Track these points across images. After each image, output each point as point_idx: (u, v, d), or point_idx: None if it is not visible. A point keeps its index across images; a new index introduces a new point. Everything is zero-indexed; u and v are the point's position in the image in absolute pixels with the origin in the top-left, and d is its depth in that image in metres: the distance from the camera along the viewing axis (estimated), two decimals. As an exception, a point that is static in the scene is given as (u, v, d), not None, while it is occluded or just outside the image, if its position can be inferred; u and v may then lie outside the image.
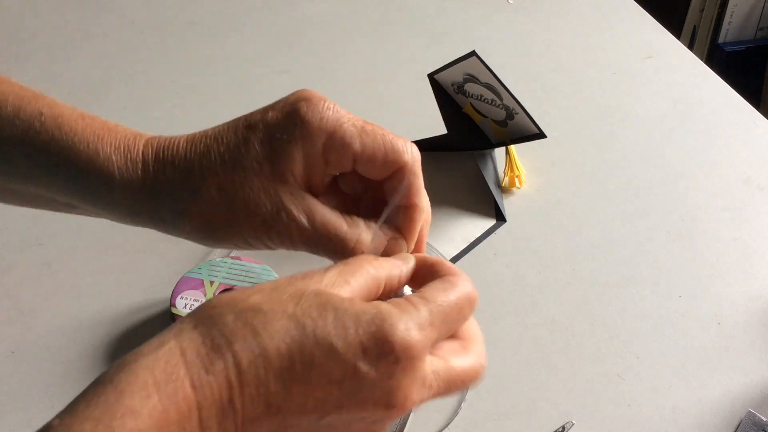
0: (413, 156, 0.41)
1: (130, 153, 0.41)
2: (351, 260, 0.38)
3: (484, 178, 0.76)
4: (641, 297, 0.68)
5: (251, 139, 0.40)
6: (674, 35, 1.03)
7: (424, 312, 0.35)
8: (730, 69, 1.76)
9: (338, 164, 0.41)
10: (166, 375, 0.31)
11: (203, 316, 0.33)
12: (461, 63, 0.73)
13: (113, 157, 0.41)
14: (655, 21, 1.06)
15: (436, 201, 0.77)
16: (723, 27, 1.81)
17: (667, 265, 0.71)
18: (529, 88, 0.90)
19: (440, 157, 0.81)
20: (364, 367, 0.33)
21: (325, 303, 0.34)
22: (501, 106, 0.75)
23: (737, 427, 0.58)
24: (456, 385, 0.36)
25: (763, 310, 0.67)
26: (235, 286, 0.63)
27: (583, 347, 0.64)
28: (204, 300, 0.62)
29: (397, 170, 0.41)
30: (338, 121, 0.40)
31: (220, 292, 0.62)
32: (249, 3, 1.09)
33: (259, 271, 0.64)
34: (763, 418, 0.58)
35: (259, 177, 0.40)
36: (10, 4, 1.09)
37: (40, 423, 0.30)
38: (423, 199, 0.42)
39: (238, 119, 0.42)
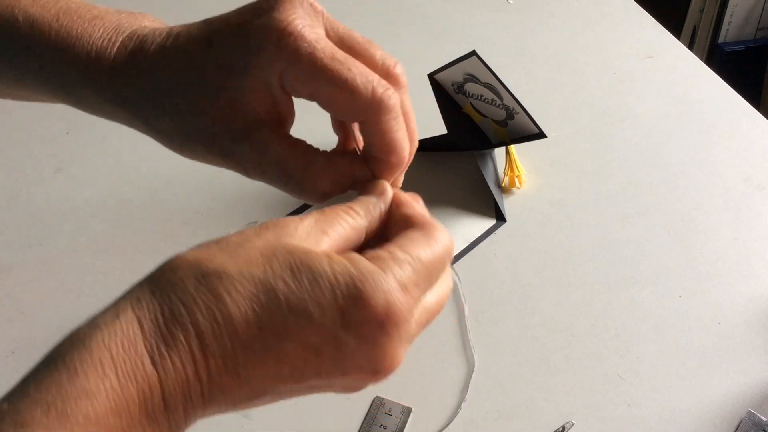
0: (380, 107, 0.36)
1: (102, 58, 0.39)
2: (328, 208, 0.35)
3: (484, 178, 0.76)
4: (641, 297, 0.68)
5: (207, 65, 0.37)
6: (674, 35, 1.03)
7: (407, 270, 0.32)
8: (730, 69, 1.76)
9: (302, 96, 0.37)
10: (123, 351, 0.28)
11: (162, 280, 0.30)
12: (461, 63, 0.73)
13: (84, 63, 0.39)
14: (655, 21, 1.06)
15: (436, 201, 0.77)
16: (723, 27, 1.81)
17: (667, 265, 0.71)
18: (529, 88, 0.90)
19: (440, 157, 0.81)
20: (344, 334, 0.30)
21: (299, 263, 0.30)
22: (501, 106, 0.75)
23: (737, 427, 0.58)
24: (433, 318, 0.34)
25: (763, 310, 0.67)
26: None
27: (583, 347, 0.64)
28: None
29: (365, 120, 0.37)
30: (296, 51, 0.35)
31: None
32: (249, 2, 1.09)
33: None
34: (763, 418, 0.58)
35: (213, 106, 0.37)
36: None
37: (40, 423, 0.30)
38: (396, 153, 0.38)
39: (205, 29, 0.39)
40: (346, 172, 0.39)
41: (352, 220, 0.35)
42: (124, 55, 0.39)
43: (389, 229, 0.36)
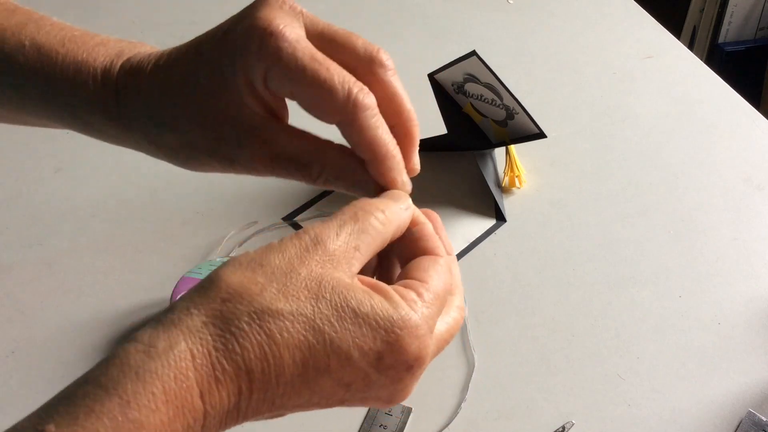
0: (354, 107, 0.36)
1: (106, 82, 0.40)
2: (361, 212, 0.35)
3: (484, 178, 0.76)
4: (641, 297, 0.68)
5: (199, 73, 0.38)
6: (674, 35, 1.03)
7: (433, 310, 0.34)
8: (730, 69, 1.76)
9: (284, 96, 0.38)
10: (176, 385, 0.29)
11: (214, 312, 0.31)
12: (461, 63, 0.73)
13: (91, 87, 0.40)
14: (655, 21, 1.06)
15: (436, 201, 0.77)
16: (723, 27, 1.81)
17: (667, 265, 0.71)
18: (529, 88, 0.90)
19: (440, 157, 0.81)
20: (376, 375, 0.33)
21: (344, 304, 0.32)
22: (501, 106, 0.75)
23: (737, 427, 0.58)
24: (443, 347, 0.37)
25: (763, 310, 0.67)
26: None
27: (583, 347, 0.64)
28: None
29: (342, 121, 0.37)
30: (278, 51, 0.36)
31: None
32: (249, 3, 1.09)
33: (259, 271, 0.64)
34: (763, 418, 0.58)
35: (212, 113, 0.38)
36: (10, 4, 1.08)
37: (40, 423, 0.30)
38: (379, 148, 0.38)
39: (195, 41, 0.40)
40: (351, 171, 0.40)
41: (382, 228, 0.36)
42: (125, 78, 0.40)
43: (401, 242, 0.38)
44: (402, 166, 0.39)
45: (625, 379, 0.62)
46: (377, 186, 0.39)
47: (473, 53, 0.72)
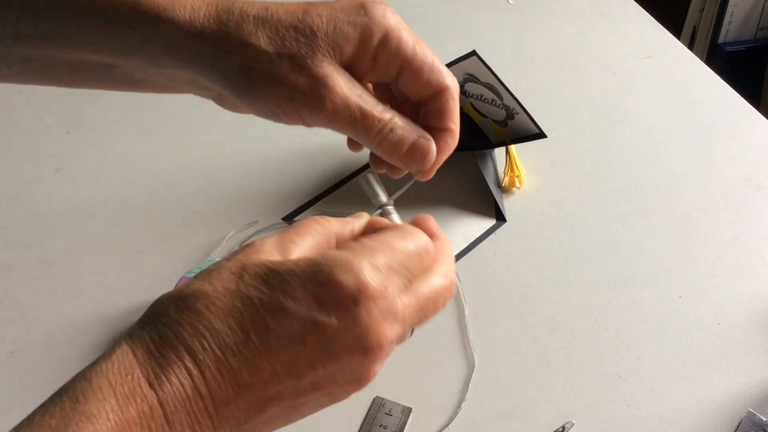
0: (455, 81, 0.43)
1: (194, 8, 0.40)
2: (297, 224, 0.37)
3: (484, 178, 0.76)
4: (641, 297, 0.68)
5: (311, 10, 0.40)
6: (674, 35, 1.03)
7: (380, 256, 0.34)
8: (730, 69, 1.76)
9: (385, 67, 0.42)
10: (120, 377, 0.30)
11: (149, 315, 0.33)
12: (461, 63, 0.73)
13: (186, 19, 0.40)
14: (655, 21, 1.06)
15: (436, 201, 0.77)
16: (723, 27, 1.81)
17: (667, 265, 0.71)
18: (529, 88, 0.90)
19: (440, 157, 0.81)
20: (322, 317, 0.32)
21: (268, 270, 0.33)
22: (501, 106, 0.75)
23: (737, 427, 0.58)
24: (429, 309, 0.35)
25: (763, 310, 0.67)
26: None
27: (583, 347, 0.64)
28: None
29: (435, 93, 0.43)
30: (398, 24, 0.41)
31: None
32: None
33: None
34: (763, 418, 0.58)
35: (308, 46, 0.40)
36: None
37: (40, 423, 0.30)
38: (457, 126, 0.43)
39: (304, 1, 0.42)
40: (417, 127, 0.43)
41: (320, 227, 0.36)
42: (216, 11, 0.40)
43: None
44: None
45: (625, 379, 0.62)
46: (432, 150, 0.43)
47: (473, 53, 0.72)
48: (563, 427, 0.58)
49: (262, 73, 0.40)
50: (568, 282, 0.70)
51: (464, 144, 0.81)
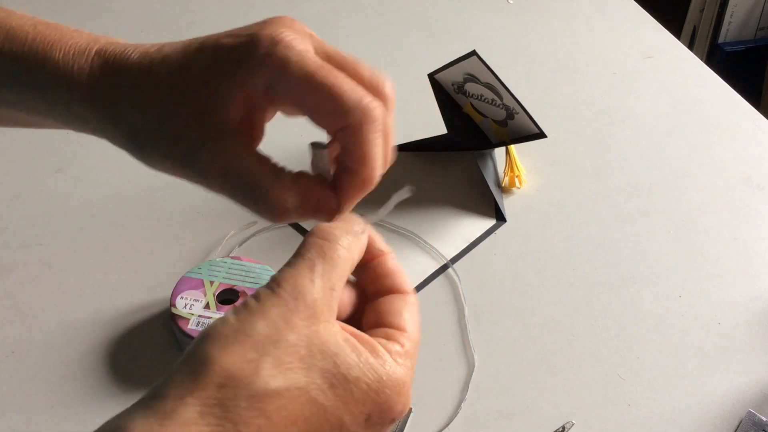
0: (364, 115, 0.36)
1: (79, 59, 0.39)
2: (329, 249, 0.36)
3: (484, 178, 0.76)
4: (641, 297, 0.68)
5: (194, 65, 0.37)
6: (674, 35, 1.03)
7: (414, 358, 0.37)
8: (730, 69, 1.76)
9: (284, 108, 0.38)
10: None
11: (211, 401, 0.30)
12: (461, 63, 0.73)
13: (61, 64, 0.39)
14: (655, 21, 1.06)
15: (436, 201, 0.77)
16: (723, 27, 1.81)
17: (667, 265, 0.71)
18: (529, 88, 0.90)
19: (440, 157, 0.81)
20: (361, 430, 0.34)
21: (335, 372, 0.33)
22: (501, 106, 0.75)
23: (737, 427, 0.58)
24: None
25: (763, 310, 0.67)
26: (234, 286, 0.63)
27: (583, 347, 0.64)
28: (203, 300, 0.62)
29: (344, 127, 0.36)
30: (285, 60, 0.35)
31: (219, 293, 0.62)
32: (249, 3, 1.09)
33: (259, 271, 0.64)
34: (763, 418, 0.58)
35: (189, 107, 0.37)
36: (10, 4, 1.08)
37: (41, 423, 0.30)
38: (370, 166, 0.37)
39: (196, 39, 0.39)
40: (313, 192, 0.38)
41: (348, 256, 0.37)
42: (104, 57, 0.39)
43: (365, 276, 0.40)
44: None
45: (625, 379, 0.62)
46: (336, 207, 0.39)
47: (473, 53, 0.72)
48: (563, 427, 0.58)
49: (150, 145, 0.40)
50: (568, 282, 0.70)
51: (464, 144, 0.81)
